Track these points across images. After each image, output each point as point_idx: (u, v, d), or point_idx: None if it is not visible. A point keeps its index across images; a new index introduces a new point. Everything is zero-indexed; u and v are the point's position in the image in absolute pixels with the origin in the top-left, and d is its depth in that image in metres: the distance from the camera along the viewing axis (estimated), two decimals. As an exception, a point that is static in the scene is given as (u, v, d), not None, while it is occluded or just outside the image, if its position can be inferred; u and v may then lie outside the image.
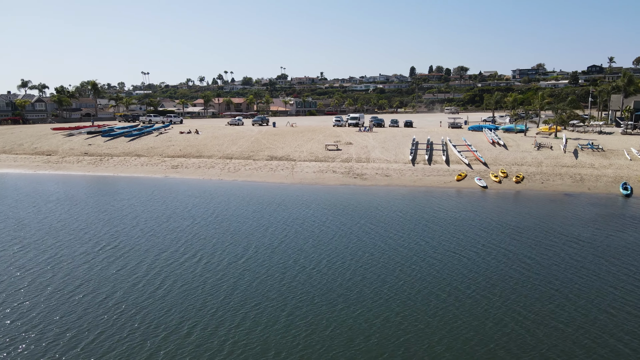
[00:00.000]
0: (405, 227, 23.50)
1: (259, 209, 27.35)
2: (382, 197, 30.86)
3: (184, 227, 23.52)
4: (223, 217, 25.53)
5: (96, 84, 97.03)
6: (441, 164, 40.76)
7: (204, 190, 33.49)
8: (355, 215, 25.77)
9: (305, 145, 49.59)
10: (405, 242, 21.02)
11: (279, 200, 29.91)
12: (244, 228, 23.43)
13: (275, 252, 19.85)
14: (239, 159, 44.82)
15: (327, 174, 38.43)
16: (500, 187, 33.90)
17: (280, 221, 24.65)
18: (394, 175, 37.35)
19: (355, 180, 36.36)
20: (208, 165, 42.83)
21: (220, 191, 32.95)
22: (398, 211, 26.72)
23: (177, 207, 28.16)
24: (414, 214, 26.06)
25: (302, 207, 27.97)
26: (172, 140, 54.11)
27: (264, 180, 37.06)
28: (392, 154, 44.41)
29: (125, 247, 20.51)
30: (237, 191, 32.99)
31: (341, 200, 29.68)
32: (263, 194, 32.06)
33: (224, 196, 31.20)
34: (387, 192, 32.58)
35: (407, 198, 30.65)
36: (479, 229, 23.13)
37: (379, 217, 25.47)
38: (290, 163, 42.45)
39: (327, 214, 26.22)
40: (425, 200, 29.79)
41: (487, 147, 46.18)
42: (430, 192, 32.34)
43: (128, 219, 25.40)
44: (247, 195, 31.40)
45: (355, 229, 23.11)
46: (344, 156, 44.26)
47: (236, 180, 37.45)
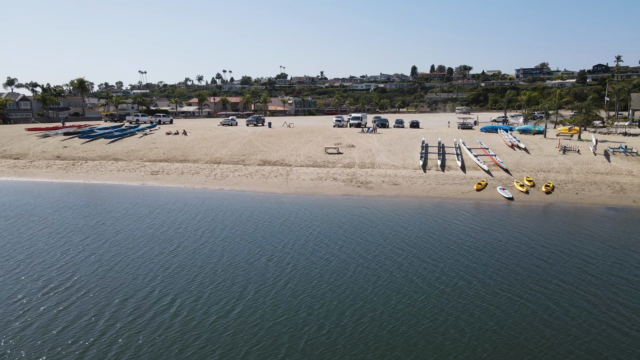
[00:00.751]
0: (424, 255, 18.64)
1: (244, 229, 22.50)
2: (391, 211, 26.02)
3: (150, 258, 18.68)
4: (197, 245, 20.69)
5: (83, 81, 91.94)
6: (456, 170, 35.93)
7: (183, 201, 28.66)
8: (361, 238, 20.92)
9: (302, 148, 44.77)
10: (427, 279, 16.18)
11: (268, 215, 25.07)
12: (224, 260, 18.59)
13: (263, 296, 15.02)
14: (228, 164, 39.98)
15: (326, 181, 33.61)
16: (528, 198, 29.06)
17: (267, 247, 19.81)
18: (403, 184, 32.51)
19: (359, 189, 31.54)
20: (192, 171, 38.00)
21: (201, 203, 28.11)
22: (412, 231, 21.87)
23: (143, 227, 23.30)
24: (432, 236, 21.20)
25: (296, 226, 23.12)
26: (157, 142, 49.29)
27: (254, 189, 32.24)
28: (399, 159, 39.57)
29: (69, 285, 15.68)
30: (221, 203, 28.15)
31: (343, 216, 24.85)
32: (251, 206, 27.23)
33: (203, 211, 26.35)
34: (397, 204, 27.75)
35: (420, 213, 25.80)
36: (513, 257, 18.28)
37: (390, 240, 20.62)
38: (285, 169, 37.62)
39: (325, 236, 21.37)
40: (442, 216, 24.94)
41: (506, 150, 41.33)
42: (446, 205, 27.51)
43: (79, 246, 20.55)
44: (232, 209, 26.56)
45: (362, 259, 18.26)
46: (346, 161, 39.44)
47: (222, 189, 32.62)
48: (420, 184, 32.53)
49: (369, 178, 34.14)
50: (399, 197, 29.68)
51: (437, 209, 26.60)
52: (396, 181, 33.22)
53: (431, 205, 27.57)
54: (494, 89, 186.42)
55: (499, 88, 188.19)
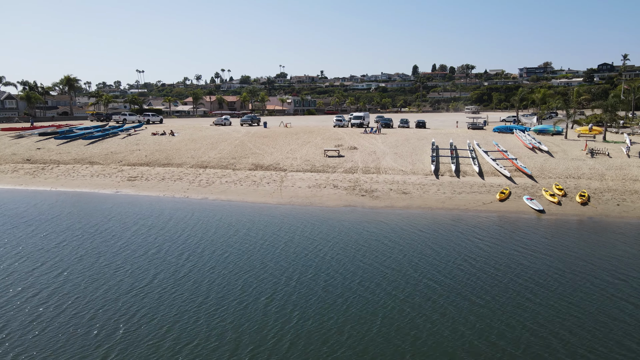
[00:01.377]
0: (448, 293, 14.43)
1: (224, 255, 18.29)
2: (403, 228, 21.81)
3: (115, 298, 14.49)
4: (167, 273, 16.49)
5: (71, 79, 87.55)
6: (472, 175, 31.70)
7: (157, 214, 24.44)
8: (369, 266, 16.71)
9: (299, 151, 40.54)
10: (453, 325, 11.95)
11: (256, 234, 20.86)
12: (199, 295, 14.39)
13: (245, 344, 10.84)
14: (216, 168, 35.74)
15: (325, 189, 29.39)
16: (562, 210, 24.84)
17: (252, 283, 15.61)
18: (414, 193, 28.29)
19: (363, 199, 27.32)
20: (175, 176, 33.76)
21: (179, 217, 23.88)
22: (430, 257, 17.65)
23: (110, 252, 19.11)
24: (454, 263, 16.98)
25: (289, 249, 18.90)
26: (140, 144, 45.07)
27: (243, 198, 28.01)
28: (407, 163, 35.34)
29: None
30: (202, 217, 23.92)
31: (345, 235, 20.63)
32: (236, 221, 23.01)
33: (179, 227, 22.13)
34: (408, 218, 23.53)
35: (437, 230, 21.56)
36: (561, 293, 14.06)
37: (404, 270, 16.41)
38: (279, 174, 33.38)
39: (325, 264, 17.16)
40: (463, 234, 20.72)
41: (526, 153, 37.11)
42: (466, 219, 23.29)
43: (24, 281, 16.34)
44: (213, 225, 22.34)
45: (372, 301, 14.05)
46: (348, 165, 35.21)
47: (206, 198, 28.40)
48: (434, 192, 28.30)
49: (374, 185, 29.92)
50: (410, 209, 25.46)
51: (456, 225, 22.37)
52: (405, 189, 28.99)
53: (449, 220, 23.34)
54: (498, 88, 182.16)
55: (503, 87, 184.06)
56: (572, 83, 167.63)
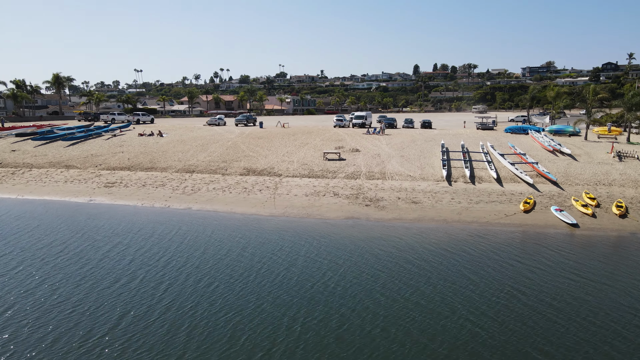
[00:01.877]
0: (476, 337, 11.06)
1: (209, 281, 14.94)
2: (414, 247, 18.45)
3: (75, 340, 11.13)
4: (138, 311, 13.13)
5: (60, 77, 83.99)
6: (489, 182, 28.32)
7: (129, 228, 21.07)
8: (377, 301, 13.36)
9: (296, 154, 37.16)
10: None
11: (242, 254, 17.50)
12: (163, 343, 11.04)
13: None
14: (204, 173, 32.35)
15: (325, 197, 26.01)
16: (598, 224, 21.45)
17: (242, 320, 12.26)
18: (425, 202, 24.89)
19: (368, 209, 23.94)
20: (158, 182, 30.38)
21: (155, 233, 20.51)
22: (451, 290, 14.30)
23: (59, 277, 15.75)
24: (481, 298, 13.63)
25: (280, 274, 15.54)
26: (124, 146, 41.67)
27: (231, 208, 24.61)
28: (416, 167, 31.95)
29: None
30: (180, 232, 20.54)
31: (348, 256, 17.26)
32: (220, 237, 19.64)
33: (151, 245, 18.77)
34: (420, 234, 20.17)
35: (455, 249, 18.19)
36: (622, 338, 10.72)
37: (421, 306, 13.05)
38: (274, 180, 30.00)
39: (332, 296, 13.80)
40: (487, 256, 17.36)
41: (546, 156, 33.74)
42: (489, 236, 19.93)
43: None
44: (193, 243, 18.97)
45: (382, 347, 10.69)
46: (350, 169, 31.82)
47: (190, 208, 25.01)
48: (447, 202, 24.91)
49: (380, 193, 26.53)
50: (422, 222, 22.08)
51: (477, 243, 18.99)
52: (415, 197, 25.60)
53: (468, 236, 19.97)
54: (501, 88, 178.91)
55: (506, 87, 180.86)
56: (578, 82, 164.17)
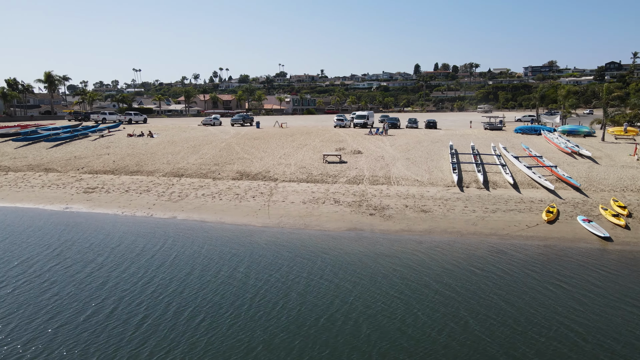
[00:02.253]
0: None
1: (190, 315, 12.47)
2: (428, 265, 15.99)
3: None
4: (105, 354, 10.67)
5: (51, 75, 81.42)
6: (504, 187, 25.84)
7: (104, 243, 18.61)
8: (393, 338, 10.88)
9: (294, 156, 34.69)
10: None
11: (229, 276, 15.04)
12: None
13: None
14: (194, 177, 29.88)
15: (324, 205, 23.53)
16: (633, 237, 18.96)
17: None
18: (435, 211, 22.39)
19: (372, 219, 21.46)
20: (143, 187, 27.90)
21: (130, 249, 18.05)
22: (481, 325, 11.82)
23: (17, 305, 13.30)
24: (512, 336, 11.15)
25: (276, 302, 13.07)
26: (111, 147, 39.22)
27: (220, 218, 22.13)
28: (423, 171, 29.48)
29: None
30: (161, 249, 18.08)
31: (351, 277, 14.79)
32: (205, 256, 17.17)
33: (126, 267, 16.31)
34: (433, 250, 17.70)
35: (475, 269, 15.71)
36: None
37: (448, 345, 10.57)
38: (269, 185, 27.52)
39: (329, 332, 11.33)
40: (515, 278, 14.91)
41: (564, 159, 31.27)
42: (511, 252, 17.46)
43: None
44: (173, 265, 16.51)
45: None
46: (351, 173, 29.36)
47: (175, 217, 22.53)
48: (460, 210, 22.42)
49: (385, 200, 24.04)
50: (433, 234, 19.62)
51: (500, 261, 16.51)
52: (424, 205, 23.12)
53: (487, 252, 17.51)
54: (504, 87, 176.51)
55: (509, 86, 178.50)
56: (582, 82, 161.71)
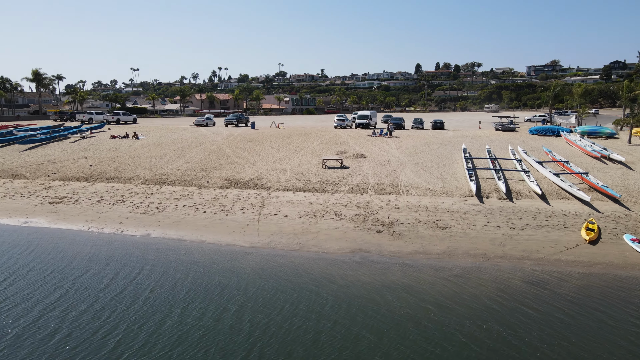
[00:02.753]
0: None
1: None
2: (454, 303, 12.70)
3: None
4: None
5: (39, 73, 78.05)
6: (530, 198, 22.52)
7: (56, 271, 15.32)
8: None
9: (290, 160, 31.42)
10: None
11: (205, 327, 11.75)
12: None
13: None
14: (176, 185, 26.58)
15: (324, 220, 20.22)
16: (697, 263, 15.67)
17: None
18: (454, 227, 19.07)
19: (380, 237, 18.15)
20: (118, 196, 24.59)
21: (86, 282, 14.77)
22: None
23: None
24: None
25: None
26: (91, 150, 35.94)
27: (200, 236, 18.81)
28: (435, 178, 26.17)
29: None
30: (123, 281, 14.80)
31: (361, 322, 11.49)
32: (177, 295, 13.89)
33: (73, 305, 13.03)
34: (457, 280, 14.40)
35: (515, 311, 12.40)
36: None
37: None
38: (260, 195, 24.21)
39: None
40: (568, 324, 11.62)
41: (592, 164, 27.98)
42: (553, 284, 14.17)
43: None
44: (136, 312, 13.23)
45: None
46: (354, 180, 26.05)
47: (148, 234, 19.23)
48: (482, 226, 19.11)
49: (394, 213, 20.73)
50: (454, 258, 16.31)
51: (541, 297, 13.22)
52: (440, 220, 19.80)
53: (523, 283, 14.22)
54: (507, 87, 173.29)
55: (512, 85, 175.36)
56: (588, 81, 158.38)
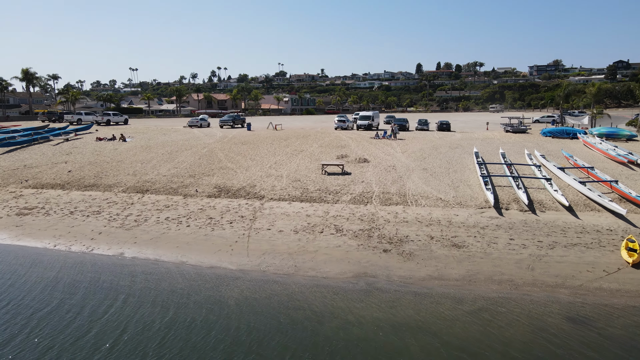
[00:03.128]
0: None
1: None
2: (480, 346, 10.19)
3: None
4: None
5: (30, 72, 75.54)
6: (555, 210, 20.01)
7: (11, 304, 12.87)
8: None
9: (287, 165, 28.95)
10: None
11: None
12: None
13: None
14: (160, 193, 24.08)
15: (323, 236, 17.71)
16: None
17: None
18: (472, 246, 16.54)
19: (388, 257, 15.64)
20: (94, 206, 22.11)
21: (43, 317, 12.31)
22: None
23: None
24: None
25: None
26: (73, 153, 33.48)
27: (181, 255, 16.31)
28: (446, 185, 23.65)
29: None
30: (89, 310, 12.34)
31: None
32: (150, 331, 11.42)
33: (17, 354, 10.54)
34: (482, 317, 11.90)
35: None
36: None
37: None
38: (252, 205, 21.71)
39: None
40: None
41: (618, 170, 25.46)
42: (600, 322, 11.68)
43: None
44: (99, 344, 10.75)
45: None
46: (357, 189, 23.55)
47: (122, 253, 16.74)
48: (505, 244, 16.59)
49: (403, 228, 18.22)
50: (475, 285, 13.82)
51: (584, 340, 10.74)
52: (455, 237, 17.28)
53: (562, 320, 11.76)
54: (510, 87, 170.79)
55: (515, 85, 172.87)
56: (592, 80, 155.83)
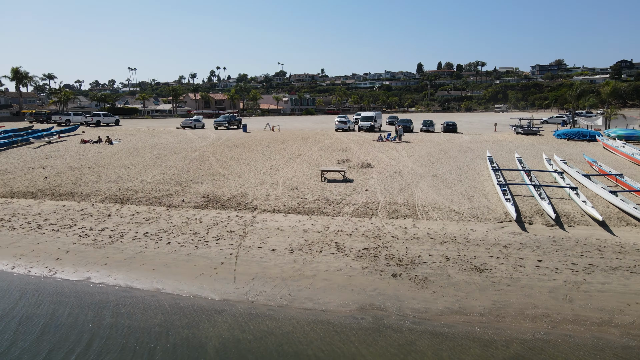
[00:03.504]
0: None
1: None
2: None
3: None
4: None
5: (20, 71, 73.16)
6: (586, 224, 17.63)
7: None
8: None
9: (283, 170, 26.58)
10: None
11: None
12: None
13: None
14: (142, 204, 21.72)
15: (322, 256, 15.32)
16: None
17: None
18: (495, 269, 14.15)
19: (398, 284, 13.26)
20: (66, 219, 19.74)
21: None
22: None
23: None
24: None
25: None
26: (54, 157, 31.14)
27: (156, 283, 13.93)
28: (459, 195, 21.27)
29: None
30: None
31: None
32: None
33: None
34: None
35: None
36: None
37: None
38: (243, 218, 19.32)
39: None
40: None
41: (649, 178, 23.13)
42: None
43: None
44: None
45: None
46: (360, 198, 21.17)
47: (88, 278, 14.37)
48: (533, 268, 14.19)
49: (414, 247, 15.84)
50: (504, 321, 11.46)
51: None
52: (475, 258, 14.89)
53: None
54: (513, 86, 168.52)
55: (518, 85, 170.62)
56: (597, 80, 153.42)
